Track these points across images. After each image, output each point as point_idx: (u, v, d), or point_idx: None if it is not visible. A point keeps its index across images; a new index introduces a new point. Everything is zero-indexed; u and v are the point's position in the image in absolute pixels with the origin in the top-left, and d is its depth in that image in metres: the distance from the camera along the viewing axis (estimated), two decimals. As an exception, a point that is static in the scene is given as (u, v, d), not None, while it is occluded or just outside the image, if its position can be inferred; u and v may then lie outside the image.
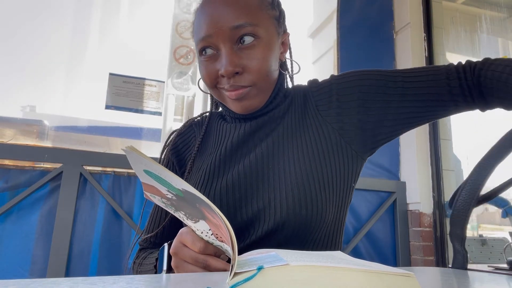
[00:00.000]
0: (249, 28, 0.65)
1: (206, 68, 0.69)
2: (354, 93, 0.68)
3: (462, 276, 0.52)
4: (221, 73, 0.66)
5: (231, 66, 0.64)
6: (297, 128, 0.71)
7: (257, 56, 0.66)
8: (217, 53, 0.67)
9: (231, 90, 0.67)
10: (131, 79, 1.88)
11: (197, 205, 0.43)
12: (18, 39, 2.04)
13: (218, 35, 0.65)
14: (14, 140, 1.56)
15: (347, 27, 2.21)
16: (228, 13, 0.65)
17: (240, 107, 0.69)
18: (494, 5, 2.09)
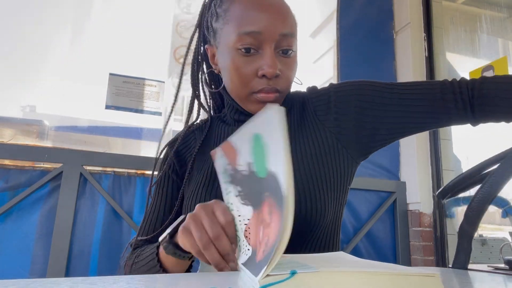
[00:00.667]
0: (292, 40, 0.68)
1: (242, 64, 0.67)
2: (351, 101, 0.71)
3: (462, 276, 0.52)
4: (264, 73, 0.66)
5: (275, 68, 0.65)
6: (296, 131, 0.73)
7: (291, 66, 0.70)
8: (256, 52, 0.67)
9: (267, 92, 0.67)
10: (131, 79, 1.88)
11: (266, 193, 0.41)
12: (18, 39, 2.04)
13: (267, 36, 0.66)
14: (14, 140, 1.56)
15: (347, 27, 2.21)
16: (282, 19, 0.67)
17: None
18: (494, 5, 2.09)
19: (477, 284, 0.47)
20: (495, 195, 0.54)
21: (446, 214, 1.96)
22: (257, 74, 0.67)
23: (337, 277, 0.33)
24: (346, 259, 0.47)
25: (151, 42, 2.26)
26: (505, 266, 0.60)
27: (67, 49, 2.16)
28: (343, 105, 0.71)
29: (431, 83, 0.70)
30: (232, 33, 0.68)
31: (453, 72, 2.17)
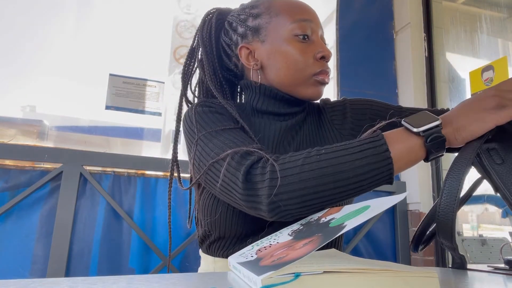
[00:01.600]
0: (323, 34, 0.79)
1: (303, 49, 0.73)
2: (366, 114, 0.79)
3: (462, 276, 0.52)
4: (324, 54, 0.73)
5: (330, 51, 0.74)
6: (315, 136, 0.80)
7: None
8: (308, 40, 0.74)
9: (326, 74, 0.74)
10: (131, 80, 1.88)
11: (319, 234, 0.42)
12: (18, 39, 2.04)
13: (316, 24, 0.75)
14: (14, 140, 1.56)
15: (347, 27, 2.21)
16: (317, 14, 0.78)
17: (320, 91, 0.76)
18: (494, 5, 2.09)
19: (477, 284, 0.47)
20: (458, 199, 0.51)
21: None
22: (315, 58, 0.73)
23: (340, 280, 0.33)
24: (344, 258, 0.47)
25: (151, 42, 2.26)
26: (505, 266, 0.60)
27: (67, 49, 2.16)
28: (359, 116, 0.79)
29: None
30: (285, 23, 0.74)
31: (453, 72, 2.17)
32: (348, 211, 0.46)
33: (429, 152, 0.53)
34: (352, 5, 2.25)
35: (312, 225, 0.48)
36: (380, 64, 2.20)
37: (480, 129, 0.52)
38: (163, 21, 2.15)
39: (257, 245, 0.49)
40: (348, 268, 0.34)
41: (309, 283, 0.33)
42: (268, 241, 0.49)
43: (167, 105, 2.06)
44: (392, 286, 0.34)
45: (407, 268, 0.37)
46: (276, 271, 0.33)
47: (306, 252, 0.36)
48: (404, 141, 0.52)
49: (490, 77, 1.79)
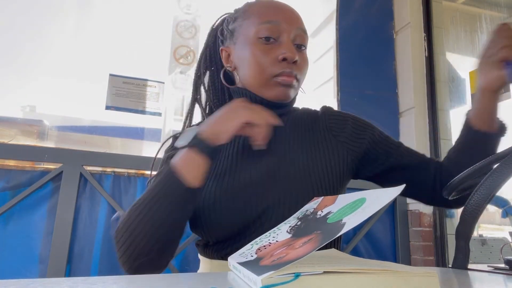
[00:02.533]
0: (305, 36, 0.76)
1: (264, 52, 0.73)
2: (367, 131, 0.79)
3: (462, 276, 0.52)
4: (286, 56, 0.71)
5: (294, 52, 0.72)
6: (306, 140, 0.78)
7: (306, 60, 0.76)
8: (275, 41, 0.73)
9: (287, 76, 0.72)
10: (131, 80, 1.88)
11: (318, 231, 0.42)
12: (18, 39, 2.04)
13: (287, 26, 0.73)
14: (14, 140, 1.56)
15: (347, 27, 2.21)
16: (297, 15, 0.76)
17: (284, 93, 0.74)
18: (494, 5, 2.09)
19: (477, 284, 0.47)
20: (491, 198, 0.53)
21: (446, 214, 1.96)
22: (277, 60, 0.72)
23: (340, 280, 0.34)
24: (344, 258, 0.47)
25: (151, 42, 2.26)
26: (505, 266, 0.60)
27: (67, 49, 2.16)
28: (360, 130, 0.79)
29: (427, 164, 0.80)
30: (252, 25, 0.74)
31: (453, 72, 2.17)
32: (344, 203, 0.46)
33: (210, 154, 0.62)
34: (352, 5, 2.25)
35: (309, 220, 0.48)
36: (380, 64, 2.20)
37: (226, 126, 0.62)
38: (163, 21, 2.15)
39: (256, 243, 0.49)
40: (348, 269, 0.34)
41: (309, 283, 0.33)
42: (267, 239, 0.48)
43: (167, 105, 2.07)
44: (392, 286, 0.34)
45: (407, 268, 0.37)
46: (276, 271, 0.33)
47: (305, 252, 0.36)
48: (183, 156, 0.62)
49: (490, 77, 1.79)
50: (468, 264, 0.60)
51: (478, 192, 0.54)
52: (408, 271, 0.35)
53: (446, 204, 0.74)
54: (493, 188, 0.53)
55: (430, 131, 2.04)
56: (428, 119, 2.05)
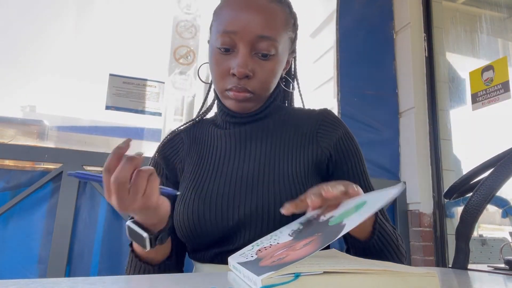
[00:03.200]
0: (271, 43, 0.70)
1: (219, 61, 0.71)
2: (345, 163, 0.76)
3: (462, 276, 0.52)
4: (233, 72, 0.69)
5: (245, 68, 0.68)
6: (289, 141, 0.76)
7: (268, 69, 0.71)
8: (233, 51, 0.71)
9: (236, 91, 0.70)
10: (131, 80, 1.88)
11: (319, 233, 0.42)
12: (18, 39, 2.04)
13: (243, 36, 0.69)
14: (14, 140, 1.56)
15: (347, 27, 2.21)
16: (259, 21, 0.69)
17: (237, 107, 0.73)
18: (494, 5, 2.09)
19: (477, 284, 0.47)
20: (491, 198, 0.53)
21: (446, 214, 1.96)
22: (228, 73, 0.71)
23: (340, 280, 0.34)
24: (345, 258, 0.47)
25: (151, 42, 2.26)
26: (505, 266, 0.60)
27: (67, 49, 2.16)
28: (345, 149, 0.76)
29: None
30: (215, 32, 0.73)
31: (453, 72, 2.17)
32: (347, 208, 0.46)
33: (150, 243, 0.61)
34: (352, 5, 2.25)
35: (311, 224, 0.48)
36: (380, 64, 2.20)
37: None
38: (163, 21, 2.15)
39: (257, 245, 0.49)
40: (349, 269, 0.34)
41: (309, 283, 0.33)
42: (269, 242, 0.49)
43: (167, 105, 2.06)
44: (392, 286, 0.34)
45: (407, 269, 0.37)
46: (276, 272, 0.33)
47: (306, 254, 0.36)
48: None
49: (490, 77, 1.79)
50: (468, 264, 0.60)
51: (478, 192, 0.55)
52: (408, 271, 0.35)
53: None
54: (493, 188, 0.54)
55: (430, 131, 2.04)
56: (428, 119, 2.05)
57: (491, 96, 1.77)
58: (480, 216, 0.57)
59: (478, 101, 1.83)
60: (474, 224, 0.56)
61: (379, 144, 2.06)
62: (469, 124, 2.06)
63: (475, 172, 0.61)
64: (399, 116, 2.13)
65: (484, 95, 1.81)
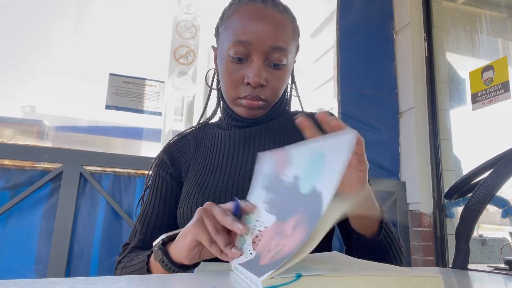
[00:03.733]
0: (283, 53, 0.72)
1: (231, 70, 0.73)
2: None
3: (462, 276, 0.52)
4: (249, 81, 0.71)
5: (259, 78, 0.71)
6: (291, 142, 0.75)
7: (279, 77, 0.74)
8: (246, 61, 0.72)
9: (250, 99, 0.73)
10: (131, 79, 1.88)
11: (300, 209, 0.40)
12: (18, 40, 2.04)
13: (258, 47, 0.71)
14: (14, 140, 1.56)
15: (347, 27, 2.21)
16: (273, 32, 0.71)
17: (248, 114, 0.76)
18: (494, 5, 2.09)
19: (477, 284, 0.47)
20: (491, 198, 0.53)
21: (446, 214, 1.96)
22: (242, 82, 0.73)
23: (342, 281, 0.33)
24: (346, 260, 0.47)
25: (151, 42, 2.26)
26: (505, 266, 0.60)
27: (67, 49, 2.16)
28: None
29: None
30: (227, 40, 0.73)
31: (453, 72, 2.17)
32: (304, 162, 0.43)
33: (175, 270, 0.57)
34: (352, 5, 2.25)
35: (280, 190, 0.46)
36: (380, 64, 2.20)
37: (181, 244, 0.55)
38: (163, 21, 2.15)
39: (249, 235, 0.48)
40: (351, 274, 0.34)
41: (311, 283, 0.33)
42: (256, 228, 0.47)
43: (167, 104, 2.06)
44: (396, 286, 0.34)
45: (410, 271, 0.37)
46: (276, 271, 0.33)
47: (299, 240, 0.35)
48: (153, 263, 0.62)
49: (490, 77, 1.79)
50: (468, 264, 0.60)
51: (478, 192, 0.55)
52: (411, 274, 0.35)
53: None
54: (493, 188, 0.54)
55: (430, 131, 2.04)
56: (428, 119, 2.05)
57: (491, 96, 1.77)
58: (480, 216, 0.57)
59: (478, 101, 1.83)
60: (474, 224, 0.56)
61: (379, 144, 2.06)
62: (469, 124, 2.06)
63: (475, 172, 0.61)
64: (399, 116, 2.13)
65: (484, 95, 1.81)
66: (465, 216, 0.57)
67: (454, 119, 2.10)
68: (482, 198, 0.54)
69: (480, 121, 1.93)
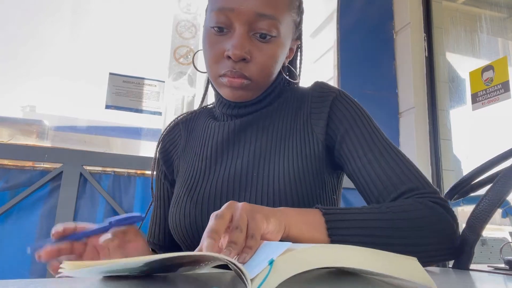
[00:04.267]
0: (272, 22, 0.61)
1: (212, 43, 0.63)
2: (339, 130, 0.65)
3: (462, 276, 0.52)
4: (228, 54, 0.61)
5: (241, 49, 0.60)
6: (286, 132, 0.68)
7: (268, 52, 0.63)
8: (228, 32, 0.62)
9: (231, 76, 0.62)
10: (131, 79, 1.88)
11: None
12: (18, 39, 2.04)
13: (239, 13, 0.60)
14: (14, 140, 1.56)
15: (347, 26, 2.21)
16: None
17: (232, 95, 0.65)
18: (494, 5, 2.09)
19: (477, 284, 0.47)
20: (501, 203, 0.52)
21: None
22: (223, 56, 0.62)
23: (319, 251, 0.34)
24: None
25: (151, 42, 2.26)
26: (505, 266, 0.60)
27: (67, 49, 2.16)
28: (335, 121, 0.66)
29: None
30: (209, 11, 0.64)
31: (453, 72, 2.17)
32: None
33: None
34: (352, 5, 2.25)
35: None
36: (380, 64, 2.20)
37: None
38: (163, 21, 2.15)
39: None
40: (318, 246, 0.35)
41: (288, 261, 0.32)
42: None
43: (167, 104, 2.06)
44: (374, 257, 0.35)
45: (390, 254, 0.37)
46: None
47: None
48: None
49: (490, 77, 1.79)
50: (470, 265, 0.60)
51: (486, 197, 0.53)
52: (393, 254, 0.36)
53: None
54: (502, 193, 0.52)
55: (430, 131, 2.04)
56: (428, 119, 2.05)
57: (491, 96, 1.77)
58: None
59: (478, 101, 1.83)
60: (482, 230, 0.53)
61: (379, 144, 2.07)
62: (469, 124, 2.06)
63: (476, 172, 0.61)
64: (399, 116, 2.13)
65: (484, 95, 1.81)
66: (473, 222, 0.54)
67: (454, 119, 2.10)
68: (491, 204, 0.53)
69: (480, 121, 1.93)
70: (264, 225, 0.43)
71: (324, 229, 0.50)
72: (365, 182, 0.61)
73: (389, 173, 0.60)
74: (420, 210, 0.54)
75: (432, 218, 0.53)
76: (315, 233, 0.50)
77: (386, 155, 0.62)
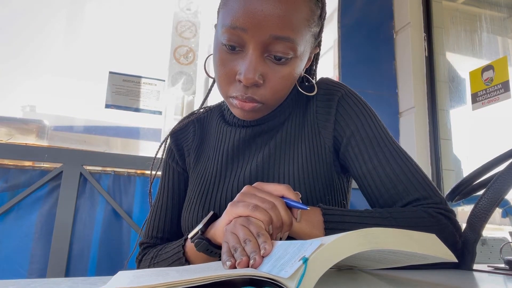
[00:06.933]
0: (289, 45, 0.57)
1: (224, 60, 0.59)
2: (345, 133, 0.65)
3: (462, 276, 0.52)
4: (240, 78, 0.58)
5: (253, 74, 0.56)
6: (295, 136, 0.68)
7: (283, 75, 0.59)
8: (241, 51, 0.58)
9: (241, 100, 0.59)
10: (131, 78, 1.88)
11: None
12: (18, 39, 2.04)
13: (254, 34, 0.55)
14: (14, 139, 1.56)
15: (348, 26, 2.21)
16: (277, 18, 0.55)
17: (243, 116, 0.63)
18: (494, 5, 2.09)
19: (477, 284, 0.47)
20: (500, 201, 0.53)
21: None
22: (234, 78, 0.59)
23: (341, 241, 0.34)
24: None
25: (151, 41, 2.26)
26: (505, 266, 0.60)
27: (67, 48, 2.16)
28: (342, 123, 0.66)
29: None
30: (222, 23, 0.59)
31: (453, 72, 2.17)
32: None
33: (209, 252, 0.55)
34: (352, 5, 2.25)
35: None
36: (380, 64, 2.20)
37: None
38: (163, 21, 2.15)
39: None
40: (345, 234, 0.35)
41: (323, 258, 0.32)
42: None
43: (167, 104, 2.06)
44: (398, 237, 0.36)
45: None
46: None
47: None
48: (191, 249, 0.60)
49: (490, 77, 1.79)
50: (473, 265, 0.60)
51: (485, 196, 0.54)
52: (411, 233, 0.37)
53: None
54: (501, 192, 0.53)
55: (430, 131, 2.04)
56: (428, 119, 2.06)
57: (491, 96, 1.77)
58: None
59: (478, 101, 1.83)
60: (482, 228, 0.54)
61: (379, 144, 2.07)
62: (469, 124, 2.06)
63: (476, 173, 0.61)
64: (399, 116, 2.13)
65: (484, 95, 1.81)
66: (473, 221, 0.55)
67: (454, 119, 2.10)
68: (490, 203, 0.53)
69: (480, 121, 1.93)
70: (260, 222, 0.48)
71: (322, 228, 0.53)
72: (370, 189, 0.62)
73: (395, 181, 0.60)
74: (422, 218, 0.55)
75: (433, 228, 0.53)
76: (313, 230, 0.53)
77: (392, 160, 0.61)
